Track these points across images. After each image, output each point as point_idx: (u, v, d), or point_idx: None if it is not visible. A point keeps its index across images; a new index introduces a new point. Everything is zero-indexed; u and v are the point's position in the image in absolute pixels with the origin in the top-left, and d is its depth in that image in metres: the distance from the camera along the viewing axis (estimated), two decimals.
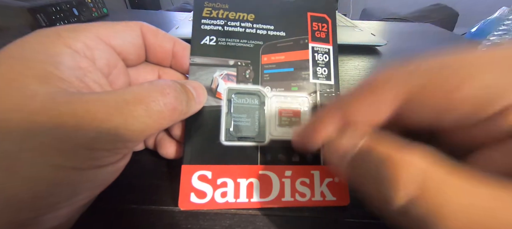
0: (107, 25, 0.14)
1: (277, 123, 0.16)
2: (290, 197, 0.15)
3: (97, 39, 0.13)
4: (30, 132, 0.09)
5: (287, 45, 0.18)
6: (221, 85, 0.16)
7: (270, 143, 0.16)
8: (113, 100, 0.10)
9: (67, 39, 0.12)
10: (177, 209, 0.14)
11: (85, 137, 0.09)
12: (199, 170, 0.15)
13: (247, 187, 0.15)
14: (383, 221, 0.10)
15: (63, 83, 0.10)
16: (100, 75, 0.13)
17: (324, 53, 0.18)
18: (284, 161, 0.16)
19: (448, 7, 1.08)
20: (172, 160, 0.17)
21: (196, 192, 0.14)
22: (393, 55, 0.39)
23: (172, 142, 0.16)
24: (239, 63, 0.17)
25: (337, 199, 0.15)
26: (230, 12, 0.18)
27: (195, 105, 0.14)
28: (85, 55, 0.12)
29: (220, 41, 0.17)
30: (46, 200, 0.09)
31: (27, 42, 0.11)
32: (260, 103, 0.17)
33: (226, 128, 0.16)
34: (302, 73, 0.17)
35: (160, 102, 0.11)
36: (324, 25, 0.18)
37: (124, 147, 0.11)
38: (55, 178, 0.09)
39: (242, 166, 0.15)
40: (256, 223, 0.14)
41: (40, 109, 0.09)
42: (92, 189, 0.11)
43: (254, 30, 0.18)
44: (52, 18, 0.41)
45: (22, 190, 0.09)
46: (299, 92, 0.17)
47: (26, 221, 0.09)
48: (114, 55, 0.14)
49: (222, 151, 0.15)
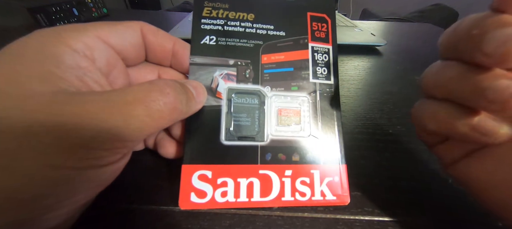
0: (107, 25, 0.14)
1: (277, 122, 0.16)
2: (290, 197, 0.15)
3: (97, 39, 0.13)
4: (30, 131, 0.09)
5: (287, 45, 0.18)
6: (221, 84, 0.16)
7: (270, 142, 0.16)
8: (113, 99, 0.10)
9: (67, 39, 0.12)
10: (177, 209, 0.15)
11: (85, 137, 0.09)
12: (199, 170, 0.15)
13: (247, 187, 0.15)
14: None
15: (63, 82, 0.10)
16: (100, 75, 0.13)
17: (323, 53, 0.18)
18: (284, 160, 0.16)
19: (448, 7, 1.08)
20: (172, 160, 0.17)
21: (196, 191, 0.14)
22: (393, 55, 0.39)
23: (172, 142, 0.16)
24: (239, 62, 0.17)
25: (337, 198, 0.15)
26: (230, 12, 0.18)
27: (195, 105, 0.14)
28: (85, 55, 0.12)
29: (220, 40, 0.17)
30: (45, 199, 0.09)
31: (27, 41, 0.11)
32: (260, 102, 0.17)
33: (226, 127, 0.16)
34: (302, 73, 0.17)
35: (160, 102, 0.11)
36: (324, 25, 0.18)
37: (124, 146, 0.11)
38: (55, 177, 0.09)
39: (242, 166, 0.15)
40: (256, 223, 0.14)
41: (40, 108, 0.09)
42: (92, 188, 0.11)
43: (254, 30, 0.18)
44: (52, 18, 0.41)
45: (21, 190, 0.09)
46: (299, 92, 0.17)
47: (25, 221, 0.09)
48: (114, 55, 0.14)
49: (222, 151, 0.15)
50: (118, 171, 0.12)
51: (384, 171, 0.18)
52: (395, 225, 0.15)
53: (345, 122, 0.23)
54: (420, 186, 0.17)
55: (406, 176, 0.18)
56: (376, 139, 0.21)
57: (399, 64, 0.36)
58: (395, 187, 0.17)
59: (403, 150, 0.20)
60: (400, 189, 0.17)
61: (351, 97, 0.27)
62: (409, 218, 0.15)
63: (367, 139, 0.21)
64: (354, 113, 0.24)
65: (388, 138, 0.21)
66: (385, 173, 0.18)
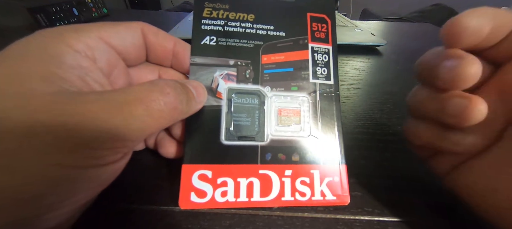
0: (108, 25, 0.14)
1: (277, 122, 0.16)
2: (290, 197, 0.15)
3: (98, 39, 0.13)
4: (31, 131, 0.09)
5: (287, 45, 0.18)
6: (221, 84, 0.16)
7: (270, 142, 0.16)
8: (113, 99, 0.10)
9: (68, 39, 0.12)
10: (177, 208, 0.15)
11: (86, 136, 0.09)
12: (200, 170, 0.15)
13: (247, 187, 0.15)
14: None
15: (65, 82, 0.10)
16: (101, 75, 0.13)
17: (323, 53, 0.18)
18: (284, 160, 0.16)
19: (448, 7, 1.08)
20: (172, 159, 0.17)
21: (196, 191, 0.14)
22: (393, 55, 0.39)
23: (172, 142, 0.16)
24: (239, 63, 0.17)
25: (337, 198, 0.15)
26: (230, 12, 0.18)
27: (195, 105, 0.14)
28: (86, 55, 0.12)
29: (220, 41, 0.17)
30: (46, 199, 0.09)
31: (29, 42, 0.11)
32: (260, 102, 0.17)
33: (226, 127, 0.16)
34: (301, 73, 0.17)
35: (161, 102, 0.11)
36: (324, 26, 0.19)
37: (124, 146, 0.11)
38: (55, 176, 0.09)
39: (242, 166, 0.15)
40: (256, 223, 0.15)
41: (41, 108, 0.09)
42: (93, 188, 0.11)
43: (254, 30, 0.18)
44: (52, 18, 0.41)
45: (22, 189, 0.09)
46: (299, 92, 0.17)
47: (26, 220, 0.09)
48: (115, 55, 0.14)
49: (222, 151, 0.15)
50: (118, 171, 0.12)
51: (384, 171, 0.18)
52: (395, 225, 0.15)
53: (345, 122, 0.23)
54: (420, 186, 0.17)
55: (406, 176, 0.18)
56: (376, 139, 0.21)
57: (399, 64, 0.36)
58: (395, 187, 0.17)
59: (403, 150, 0.20)
60: (400, 189, 0.17)
61: (351, 97, 0.27)
62: (409, 218, 0.15)
63: (367, 139, 0.21)
64: (354, 113, 0.24)
65: (388, 138, 0.21)
66: (385, 173, 0.18)
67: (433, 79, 0.12)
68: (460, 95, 0.11)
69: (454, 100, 0.11)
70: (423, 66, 0.14)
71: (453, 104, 0.12)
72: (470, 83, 0.11)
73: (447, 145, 0.13)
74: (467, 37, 0.11)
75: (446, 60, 0.12)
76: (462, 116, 0.11)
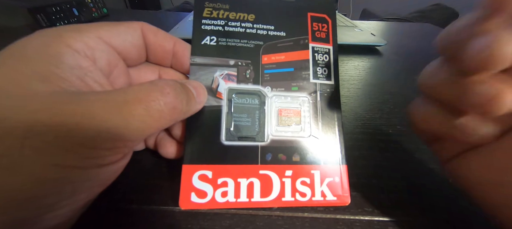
0: (108, 25, 0.14)
1: (277, 123, 0.16)
2: (290, 197, 0.15)
3: (98, 39, 0.13)
4: (31, 131, 0.09)
5: (287, 45, 0.18)
6: (222, 85, 0.16)
7: (271, 142, 0.16)
8: (113, 99, 0.10)
9: (68, 39, 0.12)
10: (178, 209, 0.15)
11: (86, 136, 0.09)
12: (200, 170, 0.15)
13: (248, 187, 0.15)
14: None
15: (64, 82, 0.10)
16: (101, 75, 0.13)
17: (324, 53, 0.18)
18: (284, 160, 0.16)
19: (448, 7, 1.08)
20: (172, 160, 0.17)
21: (196, 191, 0.14)
22: (393, 55, 0.39)
23: (172, 142, 0.16)
24: (239, 63, 0.17)
25: (338, 199, 0.15)
26: (231, 12, 0.18)
27: (195, 105, 0.14)
28: (86, 55, 0.12)
29: (220, 41, 0.17)
30: (46, 199, 0.09)
31: (29, 42, 0.11)
32: (260, 103, 0.17)
33: (226, 128, 0.16)
34: (302, 73, 0.17)
35: (160, 102, 0.11)
36: (324, 25, 0.18)
37: (124, 146, 0.11)
38: (55, 177, 0.09)
39: (243, 166, 0.15)
40: (256, 223, 0.15)
41: (41, 108, 0.09)
42: (93, 188, 0.11)
43: (254, 30, 0.18)
44: (52, 18, 0.41)
45: (22, 189, 0.09)
46: (299, 92, 0.17)
47: (26, 220, 0.09)
48: (115, 55, 0.14)
49: (223, 151, 0.15)
50: (119, 171, 0.12)
51: (384, 171, 0.18)
52: (395, 225, 0.15)
53: (345, 122, 0.23)
54: (420, 186, 0.17)
55: (406, 176, 0.18)
56: (377, 139, 0.21)
57: (399, 64, 0.36)
58: (395, 187, 0.17)
59: (403, 150, 0.20)
60: (400, 189, 0.17)
61: (351, 97, 0.27)
62: (409, 218, 0.15)
63: (368, 139, 0.21)
64: (354, 113, 0.24)
65: (389, 138, 0.21)
66: (385, 173, 0.18)
67: (459, 58, 0.10)
68: (487, 82, 0.10)
69: (480, 87, 0.10)
70: (450, 36, 0.11)
71: (478, 92, 0.10)
72: (505, 66, 0.09)
73: (457, 133, 0.12)
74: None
75: (477, 35, 0.09)
76: (486, 107, 0.10)
